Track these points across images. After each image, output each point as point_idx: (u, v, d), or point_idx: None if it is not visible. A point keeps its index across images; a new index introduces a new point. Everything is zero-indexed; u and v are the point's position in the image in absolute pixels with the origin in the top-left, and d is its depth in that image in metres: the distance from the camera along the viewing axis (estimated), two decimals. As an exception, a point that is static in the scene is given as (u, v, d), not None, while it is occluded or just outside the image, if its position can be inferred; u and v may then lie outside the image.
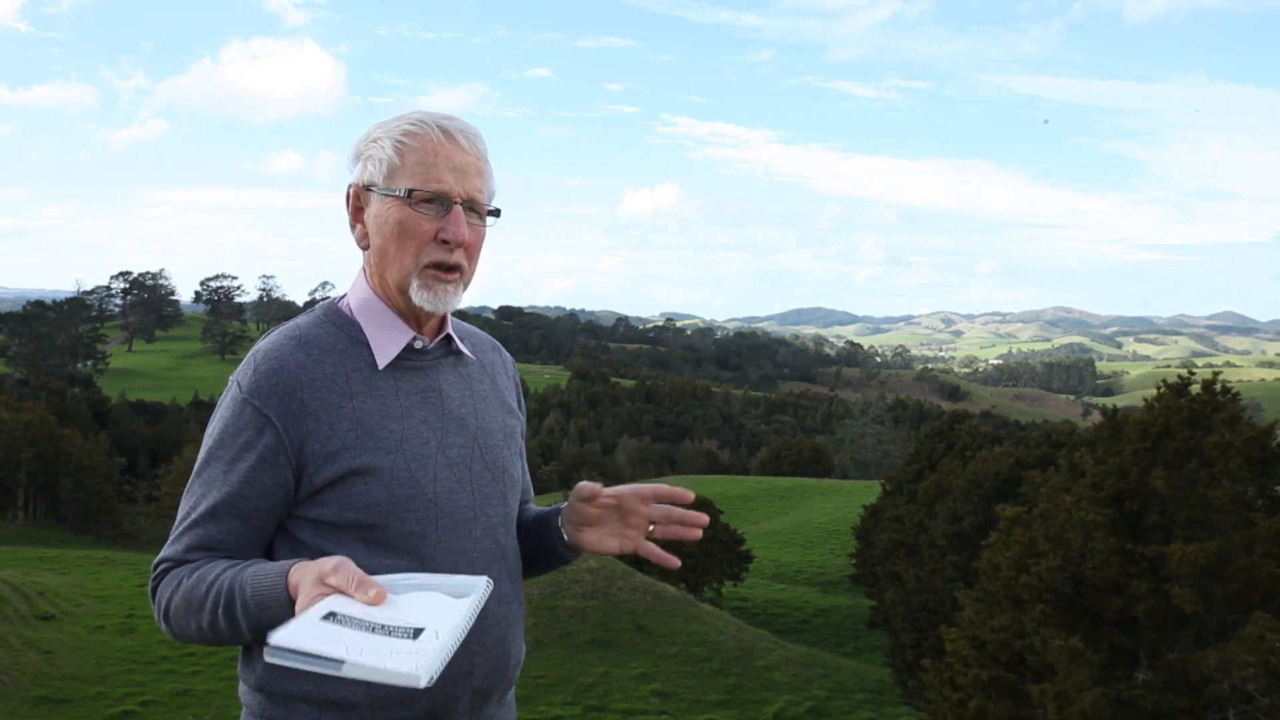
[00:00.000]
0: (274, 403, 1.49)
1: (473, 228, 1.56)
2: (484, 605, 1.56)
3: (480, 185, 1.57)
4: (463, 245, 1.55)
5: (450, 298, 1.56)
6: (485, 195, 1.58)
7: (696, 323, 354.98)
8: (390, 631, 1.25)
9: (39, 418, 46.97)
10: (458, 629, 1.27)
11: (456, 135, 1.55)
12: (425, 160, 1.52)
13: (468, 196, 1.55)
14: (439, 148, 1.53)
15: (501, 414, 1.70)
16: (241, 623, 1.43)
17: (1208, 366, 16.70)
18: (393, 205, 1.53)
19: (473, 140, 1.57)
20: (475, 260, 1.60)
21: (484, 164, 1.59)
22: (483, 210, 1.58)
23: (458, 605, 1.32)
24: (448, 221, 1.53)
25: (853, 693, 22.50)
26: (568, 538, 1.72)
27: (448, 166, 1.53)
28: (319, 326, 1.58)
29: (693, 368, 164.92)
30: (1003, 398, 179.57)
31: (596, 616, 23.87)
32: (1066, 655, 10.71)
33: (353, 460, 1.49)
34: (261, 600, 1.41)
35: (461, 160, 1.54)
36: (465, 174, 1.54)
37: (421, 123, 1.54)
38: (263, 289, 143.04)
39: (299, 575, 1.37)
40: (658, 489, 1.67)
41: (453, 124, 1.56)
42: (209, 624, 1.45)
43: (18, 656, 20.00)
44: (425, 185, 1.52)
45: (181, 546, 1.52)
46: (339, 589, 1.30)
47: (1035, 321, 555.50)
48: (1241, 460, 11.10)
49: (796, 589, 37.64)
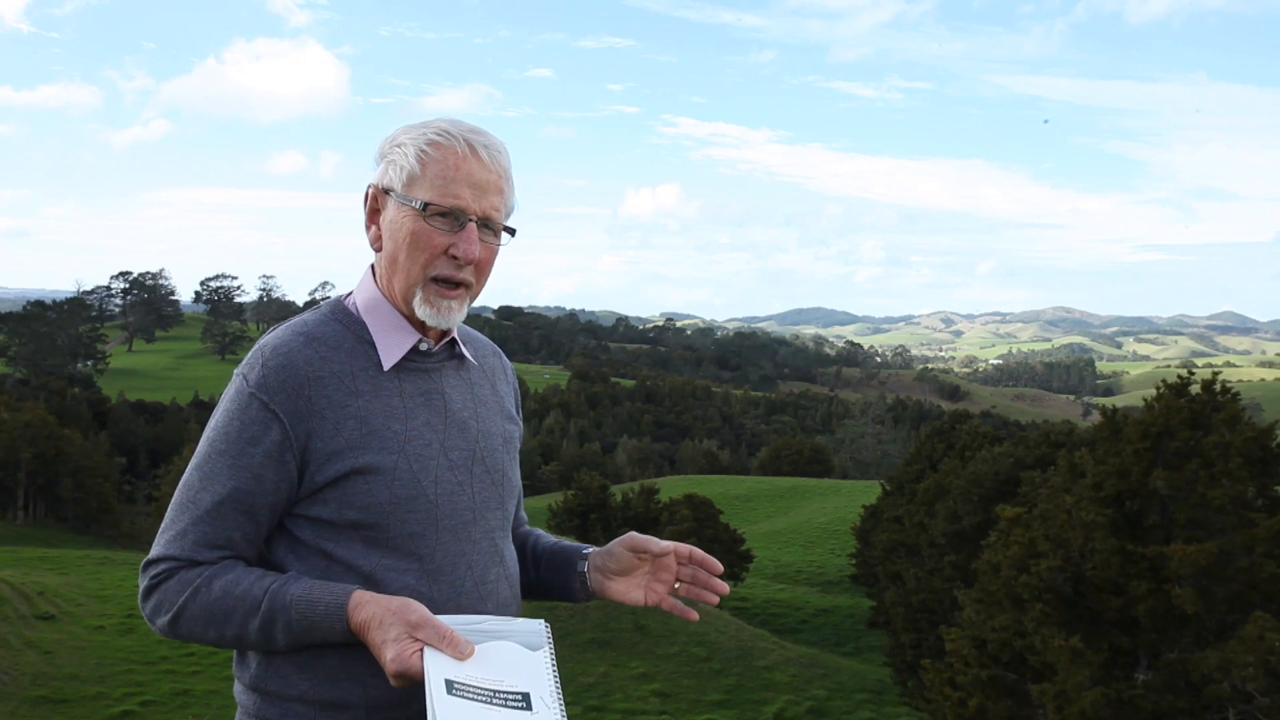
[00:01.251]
0: (281, 398, 1.49)
1: (485, 245, 1.56)
2: (484, 609, 1.58)
3: (497, 203, 1.56)
4: (472, 263, 1.55)
5: (453, 314, 1.56)
6: (502, 213, 1.58)
7: (696, 323, 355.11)
8: (506, 701, 1.34)
9: (39, 418, 46.99)
10: (553, 689, 1.37)
11: (480, 150, 1.54)
12: (445, 174, 1.52)
13: (483, 214, 1.54)
14: (461, 162, 1.52)
15: (501, 419, 1.71)
16: (279, 639, 1.45)
17: (1208, 366, 16.70)
18: (408, 214, 1.53)
19: (496, 156, 1.56)
20: (485, 276, 1.60)
21: (505, 181, 1.58)
22: (498, 228, 1.57)
23: (538, 659, 1.41)
24: (460, 238, 1.53)
25: (853, 693, 22.51)
26: (593, 585, 1.73)
27: (467, 182, 1.52)
28: (326, 324, 1.58)
29: (693, 368, 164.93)
30: (1003, 398, 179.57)
31: (596, 616, 23.87)
32: (1067, 655, 10.71)
33: (356, 459, 1.50)
34: (310, 624, 1.43)
35: (482, 177, 1.54)
36: (484, 191, 1.54)
37: (448, 134, 1.53)
38: (263, 289, 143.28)
39: (367, 613, 1.41)
40: (694, 552, 1.69)
41: (478, 138, 1.55)
42: (235, 635, 1.46)
43: (18, 656, 20.01)
44: (442, 200, 1.51)
45: (186, 544, 1.49)
46: (429, 643, 1.36)
47: (1035, 321, 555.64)
48: (1242, 460, 11.11)
49: (796, 589, 37.65)
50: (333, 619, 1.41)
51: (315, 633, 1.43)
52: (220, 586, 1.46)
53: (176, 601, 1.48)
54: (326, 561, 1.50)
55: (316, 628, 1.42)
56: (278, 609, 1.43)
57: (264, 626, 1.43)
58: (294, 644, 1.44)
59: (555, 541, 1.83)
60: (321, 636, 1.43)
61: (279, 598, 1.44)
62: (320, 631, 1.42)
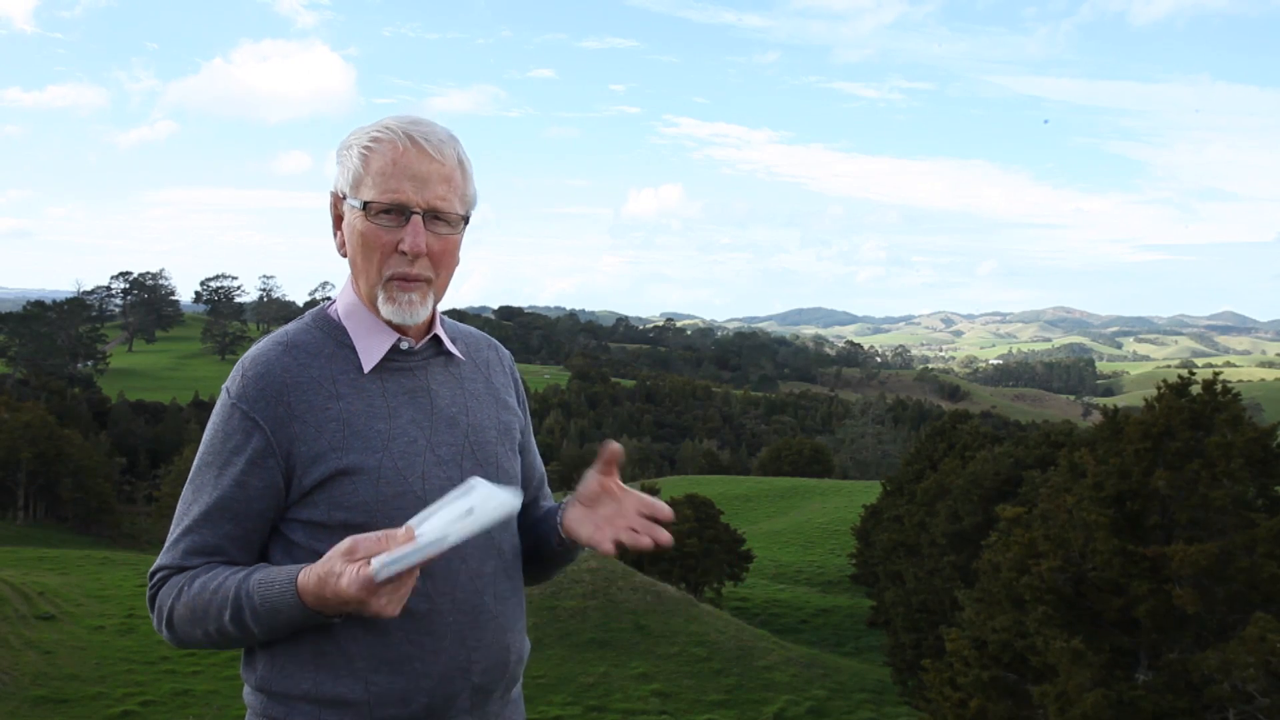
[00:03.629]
0: (261, 406, 1.51)
1: (439, 237, 1.54)
2: (481, 602, 1.57)
3: (443, 192, 1.53)
4: (423, 255, 1.53)
5: (416, 309, 1.55)
6: (452, 202, 1.55)
7: (697, 323, 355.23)
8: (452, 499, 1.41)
9: (39, 418, 47.01)
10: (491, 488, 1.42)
11: (421, 142, 1.52)
12: (384, 170, 1.50)
13: (428, 205, 1.52)
14: (399, 156, 1.51)
15: (496, 410, 1.70)
16: (252, 627, 1.47)
17: (1208, 366, 16.69)
18: (357, 216, 1.53)
19: (440, 146, 1.53)
20: (447, 268, 1.58)
21: (453, 170, 1.55)
22: (450, 218, 1.55)
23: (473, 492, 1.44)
24: (405, 232, 1.52)
25: (853, 693, 22.51)
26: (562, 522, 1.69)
27: (406, 175, 1.50)
28: (306, 332, 1.60)
29: (693, 368, 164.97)
30: (1003, 398, 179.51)
31: (596, 616, 23.88)
32: (1068, 656, 10.70)
33: (340, 460, 1.51)
34: (271, 607, 1.44)
35: (424, 168, 1.51)
36: (426, 182, 1.51)
37: (387, 129, 1.52)
38: (263, 289, 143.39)
39: (313, 573, 1.42)
40: (654, 505, 1.64)
41: (419, 129, 1.53)
42: (216, 630, 1.48)
43: (18, 656, 20.01)
44: (381, 196, 1.51)
45: (178, 553, 1.54)
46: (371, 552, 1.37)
47: (1035, 321, 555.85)
48: (1243, 461, 11.10)
49: (796, 589, 37.66)
50: (287, 597, 1.43)
51: (279, 615, 1.44)
52: (199, 584, 1.50)
53: (166, 604, 1.53)
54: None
55: (277, 610, 1.44)
56: (243, 596, 1.46)
57: (235, 617, 1.46)
58: (266, 631, 1.47)
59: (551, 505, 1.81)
60: (286, 619, 1.44)
61: (243, 585, 1.46)
62: (283, 612, 1.44)
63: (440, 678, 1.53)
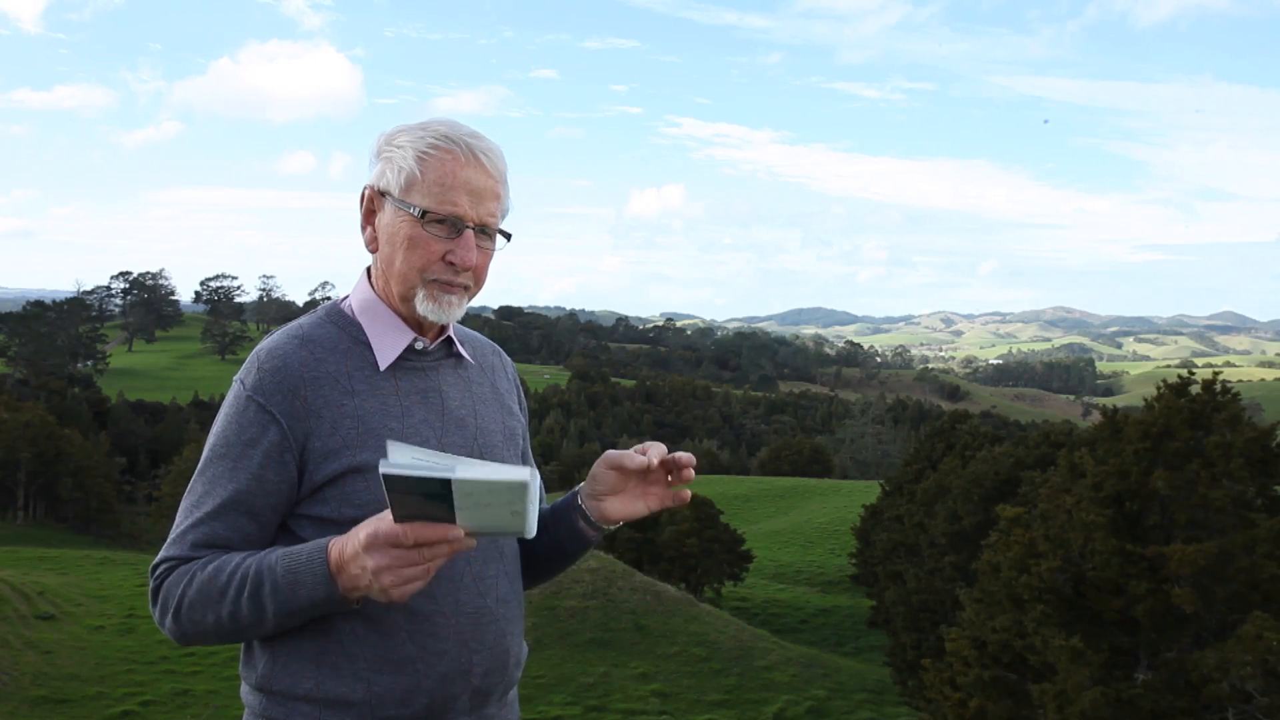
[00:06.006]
0: (278, 400, 1.51)
1: (482, 250, 1.57)
2: (483, 604, 1.58)
3: (494, 209, 1.57)
4: (469, 269, 1.56)
5: (454, 309, 1.58)
6: (498, 218, 1.59)
7: (696, 323, 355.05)
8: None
9: (39, 418, 46.97)
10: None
11: (481, 156, 1.54)
12: (444, 180, 1.52)
13: (480, 221, 1.55)
14: (461, 168, 1.53)
15: (501, 415, 1.72)
16: (268, 606, 1.43)
17: (1208, 366, 16.69)
18: (405, 219, 1.54)
19: (495, 161, 1.56)
20: (482, 280, 1.61)
21: (501, 185, 1.58)
22: (493, 233, 1.59)
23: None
24: (457, 245, 1.54)
25: (853, 693, 22.50)
26: (593, 514, 1.67)
27: (465, 189, 1.53)
28: (321, 327, 1.60)
29: (693, 368, 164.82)
30: (1003, 398, 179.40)
31: (596, 616, 23.88)
32: (1067, 655, 10.71)
33: (353, 458, 1.51)
34: (294, 578, 1.41)
35: (481, 183, 1.54)
36: (481, 198, 1.54)
37: (449, 139, 1.53)
38: (263, 289, 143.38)
39: (337, 540, 1.40)
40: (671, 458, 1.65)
41: (479, 144, 1.55)
42: (229, 613, 1.45)
43: (18, 656, 19.99)
44: (439, 207, 1.52)
45: (185, 545, 1.51)
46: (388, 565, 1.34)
47: (1035, 321, 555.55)
48: (1243, 460, 11.10)
49: (796, 589, 37.65)
50: (315, 564, 1.40)
51: (300, 588, 1.41)
52: (213, 567, 1.47)
53: (175, 592, 1.49)
54: None
55: (299, 580, 1.41)
56: (264, 570, 1.43)
57: (253, 594, 1.43)
58: (281, 607, 1.43)
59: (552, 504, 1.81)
60: (307, 595, 1.41)
61: (264, 562, 1.44)
62: (304, 584, 1.40)
63: (442, 679, 1.53)
